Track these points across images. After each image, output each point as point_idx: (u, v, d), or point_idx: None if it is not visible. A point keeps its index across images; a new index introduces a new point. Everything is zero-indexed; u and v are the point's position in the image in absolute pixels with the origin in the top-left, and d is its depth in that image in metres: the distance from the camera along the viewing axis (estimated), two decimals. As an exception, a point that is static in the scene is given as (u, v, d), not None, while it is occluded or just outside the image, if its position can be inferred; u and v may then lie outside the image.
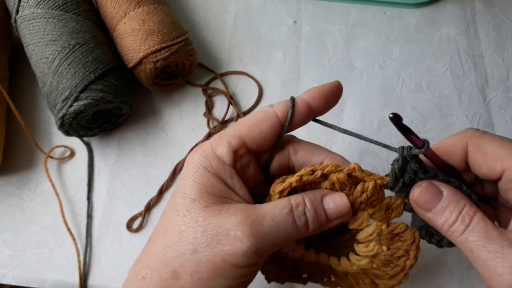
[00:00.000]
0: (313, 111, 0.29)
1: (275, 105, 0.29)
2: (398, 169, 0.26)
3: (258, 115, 0.29)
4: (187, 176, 0.27)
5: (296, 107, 0.28)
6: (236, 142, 0.28)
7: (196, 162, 0.27)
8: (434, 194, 0.26)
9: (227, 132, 0.28)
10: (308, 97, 0.29)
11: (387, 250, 0.28)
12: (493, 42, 0.53)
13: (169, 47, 0.46)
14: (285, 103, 0.29)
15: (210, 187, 0.27)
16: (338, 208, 0.27)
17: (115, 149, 0.49)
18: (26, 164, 0.48)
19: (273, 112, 0.28)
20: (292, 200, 0.27)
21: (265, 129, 0.28)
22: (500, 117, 0.49)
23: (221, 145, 0.28)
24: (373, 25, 0.55)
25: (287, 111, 0.28)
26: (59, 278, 0.43)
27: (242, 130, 0.28)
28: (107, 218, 0.46)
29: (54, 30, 0.45)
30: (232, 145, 0.28)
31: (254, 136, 0.28)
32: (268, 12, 0.57)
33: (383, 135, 0.48)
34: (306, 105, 0.28)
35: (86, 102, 0.43)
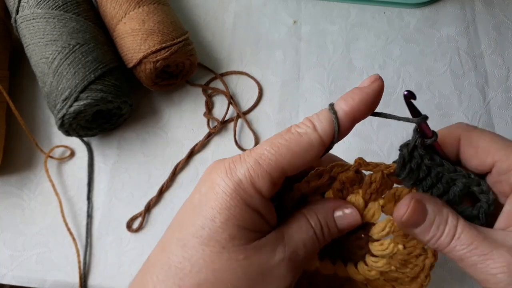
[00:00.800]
0: (355, 122, 0.26)
1: (319, 126, 0.25)
2: (407, 154, 0.26)
3: (302, 141, 0.25)
4: (223, 208, 0.24)
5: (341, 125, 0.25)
6: (277, 175, 0.25)
7: (233, 194, 0.24)
8: (420, 212, 0.25)
9: (267, 161, 0.24)
10: (354, 110, 0.26)
11: (404, 249, 0.28)
12: (493, 42, 0.53)
13: (169, 47, 0.46)
14: (328, 123, 0.25)
15: (250, 224, 0.25)
16: (349, 223, 0.28)
17: (115, 149, 0.49)
18: (26, 164, 0.48)
19: (319, 139, 0.25)
20: (311, 220, 0.27)
21: (309, 159, 0.25)
22: (500, 117, 0.49)
23: (261, 179, 0.24)
24: (373, 25, 0.55)
25: (332, 131, 0.25)
26: (59, 278, 0.43)
27: (284, 161, 0.24)
28: (107, 218, 0.46)
29: (54, 30, 0.45)
30: (273, 179, 0.25)
31: (297, 167, 0.25)
32: (268, 12, 0.57)
33: (383, 135, 0.48)
34: (350, 120, 0.26)
35: (86, 102, 0.43)
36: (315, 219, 0.27)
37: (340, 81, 0.52)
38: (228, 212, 0.24)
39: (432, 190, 0.26)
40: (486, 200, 0.25)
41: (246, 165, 0.25)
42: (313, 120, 0.25)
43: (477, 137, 0.27)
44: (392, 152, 0.48)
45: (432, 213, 0.25)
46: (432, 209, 0.25)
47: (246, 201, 0.24)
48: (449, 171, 0.26)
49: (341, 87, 0.52)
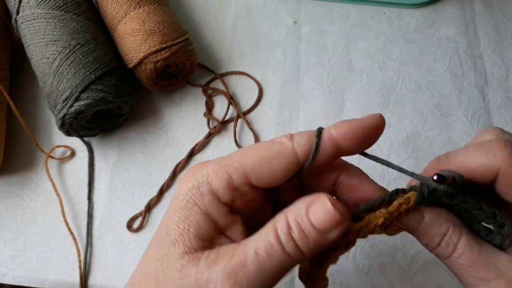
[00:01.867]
0: (341, 153, 0.23)
1: (296, 138, 0.23)
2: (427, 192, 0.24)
3: (272, 147, 0.23)
4: (174, 209, 0.23)
5: (322, 146, 0.23)
6: (238, 178, 0.22)
7: (186, 194, 0.23)
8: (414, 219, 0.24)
9: (229, 162, 0.23)
10: (339, 135, 0.23)
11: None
12: (492, 42, 0.54)
13: (170, 47, 0.46)
14: (307, 139, 0.23)
15: (195, 228, 0.22)
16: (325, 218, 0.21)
17: (116, 149, 0.49)
18: (27, 164, 0.48)
19: (291, 149, 0.23)
20: (277, 223, 0.22)
21: (277, 168, 0.22)
22: (500, 117, 0.49)
23: (218, 179, 0.22)
24: (373, 26, 0.55)
25: (309, 148, 0.23)
26: (59, 277, 0.43)
27: (248, 164, 0.22)
28: (108, 218, 0.46)
29: (55, 31, 0.45)
30: (232, 181, 0.23)
31: (263, 175, 0.22)
32: (268, 13, 0.57)
33: (383, 135, 0.48)
34: (334, 146, 0.23)
35: (86, 102, 0.43)
36: (283, 221, 0.22)
37: (340, 81, 0.52)
38: (177, 215, 0.23)
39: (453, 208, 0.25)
40: (500, 241, 0.24)
41: (209, 166, 0.23)
42: (294, 134, 0.24)
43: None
44: (392, 152, 0.48)
45: (428, 223, 0.24)
46: (429, 219, 0.24)
47: (197, 201, 0.22)
48: (473, 208, 0.24)
49: (341, 87, 0.52)
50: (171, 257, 0.22)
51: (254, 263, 0.21)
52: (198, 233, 0.22)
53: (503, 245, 0.24)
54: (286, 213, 0.22)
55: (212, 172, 0.23)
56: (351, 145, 0.23)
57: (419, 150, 0.48)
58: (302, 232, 0.21)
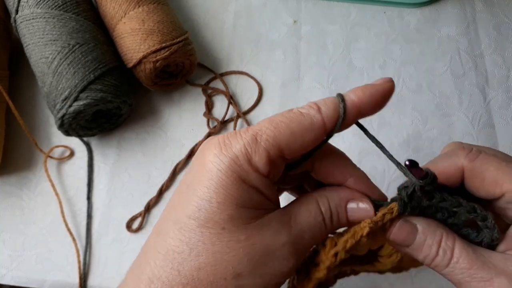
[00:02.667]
0: (360, 116, 0.26)
1: (324, 109, 0.24)
2: (406, 197, 0.25)
3: (303, 120, 0.24)
4: (219, 186, 0.23)
5: (347, 114, 0.24)
6: (275, 152, 0.23)
7: (229, 171, 0.23)
8: (409, 231, 0.25)
9: (264, 137, 0.23)
10: (360, 102, 0.25)
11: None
12: (493, 42, 0.53)
13: (169, 47, 0.46)
14: (334, 108, 0.24)
15: (250, 202, 0.23)
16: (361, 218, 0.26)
17: (115, 149, 0.49)
18: (26, 164, 0.48)
19: (321, 121, 0.24)
20: (322, 207, 0.25)
21: (308, 141, 0.24)
22: (501, 117, 0.49)
23: (258, 155, 0.23)
24: (373, 25, 0.55)
25: (336, 117, 0.24)
26: (59, 278, 0.43)
27: (282, 139, 0.23)
28: (107, 218, 0.46)
29: (54, 30, 0.45)
30: (270, 156, 0.23)
31: (296, 148, 0.24)
32: (268, 12, 0.57)
33: (384, 134, 0.48)
34: (357, 110, 0.25)
35: (85, 102, 0.43)
36: (326, 205, 0.26)
37: (340, 81, 0.52)
38: (225, 191, 0.23)
39: (437, 215, 0.26)
40: (490, 236, 0.25)
41: (243, 141, 0.23)
42: (318, 103, 0.25)
43: (482, 168, 0.25)
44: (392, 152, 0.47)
45: (422, 232, 0.25)
46: (422, 228, 0.25)
47: (243, 178, 0.23)
48: (452, 206, 0.25)
49: (341, 87, 0.52)
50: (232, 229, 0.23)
51: (309, 238, 0.25)
52: (252, 205, 0.24)
53: (494, 240, 0.25)
54: (328, 198, 0.26)
55: (250, 149, 0.23)
56: (371, 109, 0.25)
57: (419, 150, 0.48)
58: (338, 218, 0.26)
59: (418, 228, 0.25)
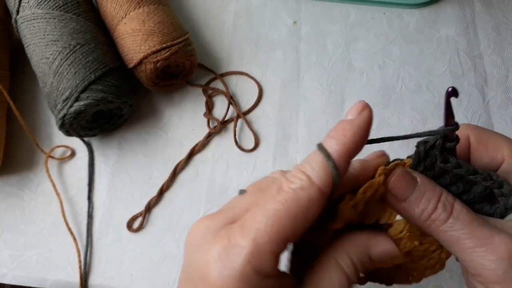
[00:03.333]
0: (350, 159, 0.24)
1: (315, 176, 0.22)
2: (423, 152, 0.25)
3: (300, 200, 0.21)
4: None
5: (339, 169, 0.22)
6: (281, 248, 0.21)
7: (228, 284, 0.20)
8: (409, 182, 0.24)
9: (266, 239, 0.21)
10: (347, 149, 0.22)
11: (420, 245, 0.27)
12: (492, 43, 0.54)
13: (170, 47, 0.46)
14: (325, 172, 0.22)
15: None
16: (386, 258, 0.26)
17: (116, 149, 0.49)
18: (27, 164, 0.48)
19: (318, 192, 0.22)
20: (346, 268, 0.24)
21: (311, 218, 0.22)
22: (499, 117, 0.49)
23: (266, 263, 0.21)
24: (373, 26, 0.55)
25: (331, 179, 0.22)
26: (59, 277, 0.43)
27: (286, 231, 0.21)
28: (108, 218, 0.46)
29: (55, 31, 0.45)
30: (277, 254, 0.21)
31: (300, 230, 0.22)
32: (268, 13, 0.57)
33: (383, 135, 0.48)
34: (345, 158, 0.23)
35: (86, 102, 0.43)
36: (348, 262, 0.24)
37: (340, 81, 0.52)
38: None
39: (451, 188, 0.25)
40: (504, 204, 0.24)
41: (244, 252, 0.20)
42: (305, 170, 0.22)
43: (486, 135, 0.27)
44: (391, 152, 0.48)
45: (422, 185, 0.24)
46: (421, 181, 0.24)
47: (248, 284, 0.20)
48: (468, 173, 0.25)
49: (341, 87, 0.52)
50: None
51: None
52: None
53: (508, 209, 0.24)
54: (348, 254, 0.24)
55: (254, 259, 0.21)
56: (359, 148, 0.23)
57: (419, 150, 0.48)
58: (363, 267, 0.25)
59: (418, 181, 0.24)
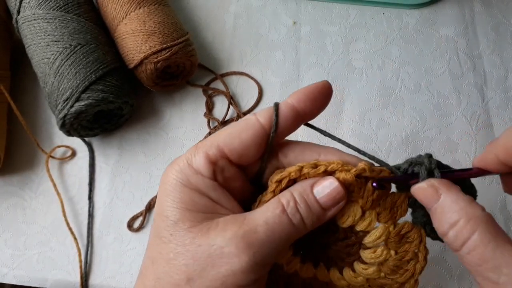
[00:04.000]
0: (300, 115, 0.26)
1: (258, 112, 0.26)
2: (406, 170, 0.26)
3: (239, 123, 0.26)
4: (164, 196, 0.25)
5: (281, 113, 0.26)
6: (213, 152, 0.25)
7: (171, 179, 0.25)
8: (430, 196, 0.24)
9: (204, 143, 0.25)
10: (293, 100, 0.26)
11: (396, 255, 0.27)
12: (491, 43, 0.54)
13: (170, 47, 0.46)
14: (268, 110, 0.26)
15: (192, 204, 0.24)
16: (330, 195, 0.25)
17: (116, 149, 0.49)
18: (28, 164, 0.49)
19: (255, 120, 0.25)
20: (282, 198, 0.25)
21: (246, 138, 0.25)
22: (499, 117, 0.50)
23: (197, 156, 0.25)
24: (372, 26, 0.56)
25: (272, 117, 0.26)
26: (60, 277, 0.44)
27: (220, 139, 0.25)
28: (108, 217, 0.46)
29: (55, 31, 0.45)
30: (209, 156, 0.25)
31: (234, 146, 0.25)
32: (268, 13, 0.57)
33: (382, 134, 0.49)
34: (292, 109, 0.26)
35: (87, 102, 0.43)
36: (288, 195, 0.25)
37: (340, 81, 0.52)
38: (170, 198, 0.24)
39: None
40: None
41: (185, 153, 0.26)
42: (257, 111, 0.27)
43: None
44: (391, 152, 0.48)
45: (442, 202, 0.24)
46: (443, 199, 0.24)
47: (184, 181, 0.24)
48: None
49: (340, 87, 0.52)
50: (178, 234, 0.24)
51: (264, 230, 0.23)
52: (196, 208, 0.24)
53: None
54: (290, 190, 0.25)
55: (190, 155, 0.25)
56: (306, 106, 0.26)
57: (418, 150, 0.48)
58: (307, 206, 0.25)
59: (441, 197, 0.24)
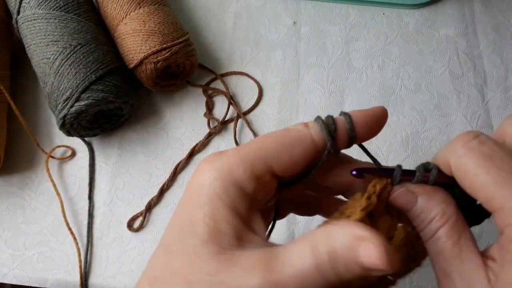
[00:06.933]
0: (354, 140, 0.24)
1: (311, 125, 0.23)
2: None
3: (290, 134, 0.23)
4: (197, 206, 0.21)
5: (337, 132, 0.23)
6: (261, 166, 0.22)
7: (209, 188, 0.21)
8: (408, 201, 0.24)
9: (249, 151, 0.22)
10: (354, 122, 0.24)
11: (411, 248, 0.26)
12: (492, 43, 0.54)
13: (170, 47, 0.46)
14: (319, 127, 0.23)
15: (224, 224, 0.21)
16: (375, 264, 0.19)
17: (116, 149, 0.49)
18: (28, 164, 0.49)
19: (309, 134, 0.23)
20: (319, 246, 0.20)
21: (297, 154, 0.22)
22: (499, 117, 0.50)
23: (242, 167, 0.21)
24: (372, 26, 0.56)
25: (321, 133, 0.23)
26: (60, 277, 0.44)
27: (269, 151, 0.22)
28: (108, 217, 0.46)
29: (55, 31, 0.45)
30: (255, 170, 0.22)
31: (284, 161, 0.22)
32: (268, 13, 0.57)
33: (382, 135, 0.48)
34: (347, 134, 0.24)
35: (87, 102, 0.43)
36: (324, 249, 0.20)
37: (340, 81, 0.52)
38: (202, 211, 0.21)
39: None
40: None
41: (227, 156, 0.22)
42: (308, 122, 0.24)
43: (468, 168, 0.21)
44: (391, 152, 0.48)
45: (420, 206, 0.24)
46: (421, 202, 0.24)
47: (222, 195, 0.21)
48: None
49: (340, 87, 0.52)
50: (203, 258, 0.20)
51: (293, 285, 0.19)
52: (227, 229, 0.21)
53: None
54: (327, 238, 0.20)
55: (234, 162, 0.22)
56: (363, 132, 0.24)
57: (418, 150, 0.48)
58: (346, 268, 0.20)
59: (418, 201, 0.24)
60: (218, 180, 0.21)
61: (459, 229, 0.23)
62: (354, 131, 0.24)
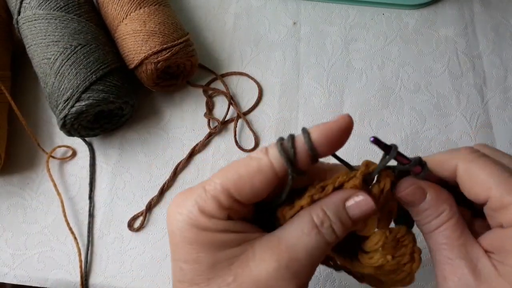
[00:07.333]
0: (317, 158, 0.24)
1: (271, 152, 0.23)
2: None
3: (250, 164, 0.23)
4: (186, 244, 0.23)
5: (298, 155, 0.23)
6: (225, 199, 0.23)
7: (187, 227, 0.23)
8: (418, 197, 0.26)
9: (212, 185, 0.23)
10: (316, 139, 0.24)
11: (392, 260, 0.27)
12: (491, 43, 0.54)
13: (170, 48, 0.46)
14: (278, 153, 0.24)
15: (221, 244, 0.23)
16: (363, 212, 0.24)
17: (117, 149, 0.49)
18: (28, 164, 0.49)
19: (268, 162, 0.23)
20: (315, 217, 0.24)
21: (257, 185, 0.23)
22: (498, 117, 0.50)
23: (208, 204, 0.23)
24: (372, 26, 0.56)
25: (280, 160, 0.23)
26: (60, 276, 0.44)
27: (230, 184, 0.23)
28: (109, 217, 0.46)
29: (56, 31, 0.45)
30: (221, 202, 0.23)
31: (245, 192, 0.23)
32: (268, 14, 0.57)
33: (382, 135, 0.49)
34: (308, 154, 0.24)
35: (87, 102, 0.43)
36: (321, 214, 0.24)
37: (339, 82, 0.52)
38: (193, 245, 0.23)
39: None
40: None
41: (194, 194, 0.24)
42: (268, 147, 0.24)
43: (475, 171, 0.25)
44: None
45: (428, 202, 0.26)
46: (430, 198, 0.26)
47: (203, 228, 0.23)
48: None
49: (340, 88, 0.52)
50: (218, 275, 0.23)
51: (305, 257, 0.23)
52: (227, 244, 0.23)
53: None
54: (322, 207, 0.24)
55: (200, 200, 0.23)
56: (324, 149, 0.24)
57: (418, 150, 0.48)
58: (342, 224, 0.24)
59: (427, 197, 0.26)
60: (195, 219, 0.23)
61: (462, 223, 0.26)
62: (314, 150, 0.23)
